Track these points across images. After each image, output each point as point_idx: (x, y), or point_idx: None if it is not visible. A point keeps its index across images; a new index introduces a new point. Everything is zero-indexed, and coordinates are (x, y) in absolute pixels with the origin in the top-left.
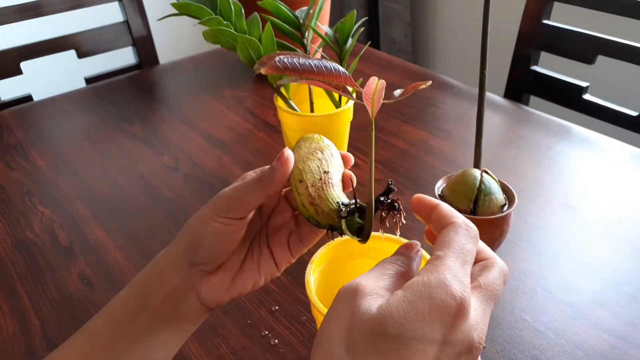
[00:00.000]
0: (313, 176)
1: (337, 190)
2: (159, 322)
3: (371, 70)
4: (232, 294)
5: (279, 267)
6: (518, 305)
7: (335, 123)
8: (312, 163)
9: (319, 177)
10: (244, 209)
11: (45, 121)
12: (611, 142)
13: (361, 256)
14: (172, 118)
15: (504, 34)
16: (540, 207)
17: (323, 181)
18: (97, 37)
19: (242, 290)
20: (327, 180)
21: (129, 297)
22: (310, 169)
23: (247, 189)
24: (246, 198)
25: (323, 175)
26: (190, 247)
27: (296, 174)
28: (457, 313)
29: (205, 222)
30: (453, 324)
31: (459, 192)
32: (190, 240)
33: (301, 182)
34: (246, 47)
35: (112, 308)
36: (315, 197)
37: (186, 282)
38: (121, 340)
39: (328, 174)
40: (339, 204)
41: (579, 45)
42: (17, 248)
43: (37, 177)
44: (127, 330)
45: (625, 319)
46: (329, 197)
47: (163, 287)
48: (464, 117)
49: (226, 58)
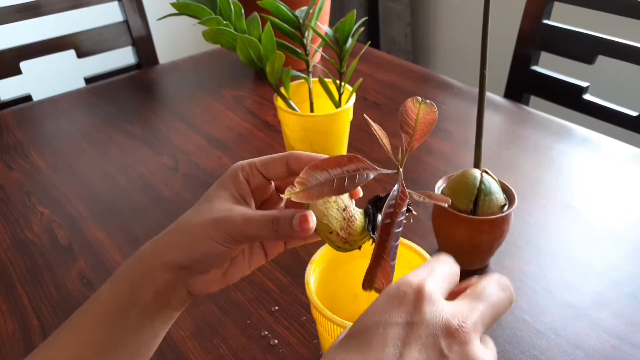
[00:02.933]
0: (339, 222)
1: (358, 217)
2: (148, 317)
3: (371, 70)
4: (221, 286)
5: (269, 257)
6: (518, 305)
7: (335, 123)
8: (332, 211)
9: (343, 218)
10: (252, 240)
11: (45, 121)
12: (611, 142)
13: (361, 257)
14: (171, 118)
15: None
16: (541, 207)
17: (347, 220)
18: (96, 36)
19: (231, 281)
20: (348, 216)
21: (115, 294)
22: (333, 218)
23: (260, 228)
24: (257, 234)
25: (344, 215)
26: (188, 259)
27: (323, 229)
28: (417, 297)
29: (211, 245)
30: (415, 306)
31: (459, 192)
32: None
33: (331, 233)
34: (246, 47)
35: (98, 306)
36: (347, 237)
37: (177, 279)
38: (110, 340)
39: (347, 210)
40: (368, 231)
41: (579, 45)
42: (17, 248)
43: (36, 177)
44: (117, 328)
45: (625, 319)
46: (357, 229)
47: (153, 285)
48: (464, 117)
49: (226, 58)
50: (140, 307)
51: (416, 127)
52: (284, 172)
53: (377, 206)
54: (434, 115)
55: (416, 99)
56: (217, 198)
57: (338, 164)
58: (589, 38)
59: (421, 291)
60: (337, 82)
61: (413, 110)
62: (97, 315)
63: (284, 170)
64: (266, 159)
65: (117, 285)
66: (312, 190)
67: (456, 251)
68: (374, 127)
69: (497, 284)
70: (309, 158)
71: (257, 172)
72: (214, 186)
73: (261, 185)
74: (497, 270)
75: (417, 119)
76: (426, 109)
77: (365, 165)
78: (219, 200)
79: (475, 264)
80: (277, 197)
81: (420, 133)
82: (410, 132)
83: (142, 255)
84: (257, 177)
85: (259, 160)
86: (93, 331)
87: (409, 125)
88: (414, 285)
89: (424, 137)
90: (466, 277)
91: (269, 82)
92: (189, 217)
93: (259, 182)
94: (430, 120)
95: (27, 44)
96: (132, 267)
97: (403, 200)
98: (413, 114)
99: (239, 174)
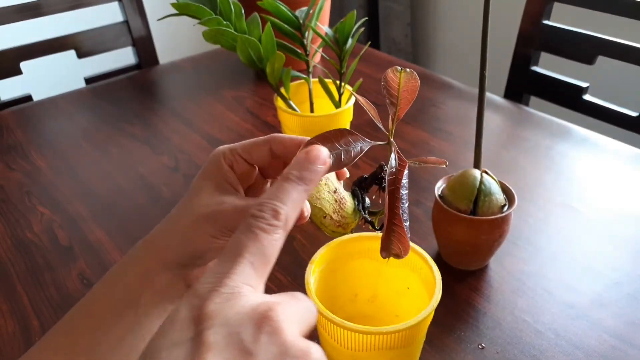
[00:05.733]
0: (331, 205)
1: (348, 199)
2: (145, 315)
3: (371, 71)
4: None
5: None
6: (518, 306)
7: (335, 123)
8: (324, 194)
9: (335, 200)
10: None
11: (45, 121)
12: (611, 143)
13: (361, 257)
14: (171, 118)
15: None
16: (540, 207)
17: (338, 202)
18: (97, 37)
19: None
20: (339, 198)
21: (110, 296)
22: (326, 200)
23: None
24: None
25: (336, 197)
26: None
27: (317, 213)
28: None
29: (208, 241)
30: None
31: (459, 192)
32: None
33: (325, 217)
34: (246, 47)
35: (92, 307)
36: (340, 220)
37: (176, 276)
38: (106, 340)
39: (337, 192)
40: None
41: (579, 46)
42: (17, 248)
43: (36, 178)
44: (113, 328)
45: (625, 320)
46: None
47: (151, 287)
48: (464, 117)
49: (226, 58)
50: (138, 307)
51: (399, 96)
52: (267, 157)
53: (363, 187)
54: (416, 82)
55: (396, 68)
56: (204, 191)
57: (331, 138)
58: (589, 38)
59: (204, 299)
60: (337, 82)
61: (394, 80)
62: (92, 316)
63: (267, 155)
64: (247, 143)
65: (112, 287)
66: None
67: (456, 251)
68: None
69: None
70: (291, 141)
71: (239, 157)
72: (199, 177)
73: (246, 171)
74: (497, 270)
75: (399, 88)
76: (407, 77)
77: (356, 137)
78: (207, 193)
79: (475, 264)
80: (262, 180)
81: (404, 102)
82: (395, 102)
83: (138, 257)
84: (241, 163)
85: (240, 145)
86: (88, 333)
87: (392, 95)
88: (193, 301)
89: (408, 105)
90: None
91: (269, 83)
92: (180, 214)
93: (244, 168)
94: (412, 88)
95: (27, 44)
96: (127, 269)
97: (403, 167)
98: (395, 83)
99: (221, 162)
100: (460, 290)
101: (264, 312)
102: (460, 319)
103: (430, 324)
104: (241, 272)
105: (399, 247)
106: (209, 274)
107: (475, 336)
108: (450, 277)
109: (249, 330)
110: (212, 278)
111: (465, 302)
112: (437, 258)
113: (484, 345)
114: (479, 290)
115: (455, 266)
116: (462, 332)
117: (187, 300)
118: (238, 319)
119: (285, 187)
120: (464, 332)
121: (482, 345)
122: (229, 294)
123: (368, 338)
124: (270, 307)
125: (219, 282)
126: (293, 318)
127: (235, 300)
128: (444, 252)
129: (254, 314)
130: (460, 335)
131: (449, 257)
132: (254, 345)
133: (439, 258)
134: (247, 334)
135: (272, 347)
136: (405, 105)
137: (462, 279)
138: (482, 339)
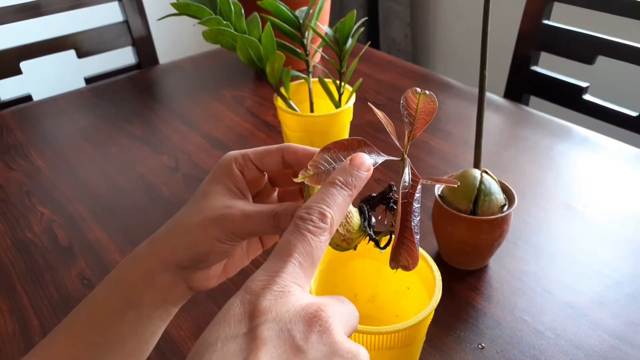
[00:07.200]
0: None
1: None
2: (147, 316)
3: (371, 70)
4: (220, 280)
5: (265, 247)
6: (518, 305)
7: (335, 123)
8: None
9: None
10: (253, 235)
11: (45, 121)
12: (611, 143)
13: (361, 257)
14: (171, 118)
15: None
16: (540, 207)
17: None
18: (97, 37)
19: (231, 274)
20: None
21: (112, 296)
22: None
23: (260, 224)
24: (258, 230)
25: None
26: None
27: None
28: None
29: (213, 244)
30: (252, 311)
31: (459, 192)
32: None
33: None
34: (246, 47)
35: (94, 307)
36: (346, 234)
37: (177, 278)
38: (107, 340)
39: None
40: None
41: (579, 45)
42: (17, 248)
43: (36, 177)
44: (114, 328)
45: (625, 320)
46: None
47: (152, 287)
48: (464, 117)
49: (226, 58)
50: (139, 308)
51: (417, 116)
52: (279, 165)
53: (371, 205)
54: (434, 104)
55: (415, 89)
56: (213, 194)
57: (348, 147)
58: (588, 38)
59: (257, 296)
60: (337, 82)
61: (413, 101)
62: (93, 316)
63: (279, 163)
64: (260, 150)
65: (114, 287)
66: (325, 173)
67: (456, 251)
68: (379, 115)
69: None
70: (304, 151)
71: (251, 164)
72: (208, 180)
73: (255, 177)
74: (497, 270)
75: (417, 109)
76: (425, 99)
77: (372, 149)
78: (216, 196)
79: (475, 264)
80: (270, 188)
81: (421, 122)
82: (412, 122)
83: (141, 257)
84: (252, 169)
85: (252, 152)
86: (89, 332)
87: (410, 115)
88: (247, 297)
89: (425, 126)
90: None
91: (269, 83)
92: (187, 215)
93: (254, 175)
94: (430, 110)
95: (27, 44)
96: (129, 269)
97: (416, 182)
98: (414, 104)
99: (232, 167)
100: (460, 290)
101: (314, 311)
102: (460, 318)
103: (430, 324)
104: (291, 272)
105: (407, 260)
106: (260, 272)
107: (475, 336)
108: (450, 277)
109: (300, 327)
110: (263, 276)
111: (465, 302)
112: (437, 258)
113: (484, 345)
114: (479, 290)
115: (455, 266)
116: (462, 332)
117: (240, 296)
118: (289, 316)
119: (332, 192)
120: (464, 332)
121: (482, 345)
122: (280, 292)
123: (368, 338)
124: (320, 307)
125: (271, 279)
126: (340, 320)
127: (286, 298)
128: (444, 252)
129: (304, 312)
130: (460, 335)
131: (449, 257)
132: (304, 343)
133: (439, 258)
134: (299, 331)
135: (321, 346)
136: (422, 125)
137: (462, 279)
138: (482, 339)
